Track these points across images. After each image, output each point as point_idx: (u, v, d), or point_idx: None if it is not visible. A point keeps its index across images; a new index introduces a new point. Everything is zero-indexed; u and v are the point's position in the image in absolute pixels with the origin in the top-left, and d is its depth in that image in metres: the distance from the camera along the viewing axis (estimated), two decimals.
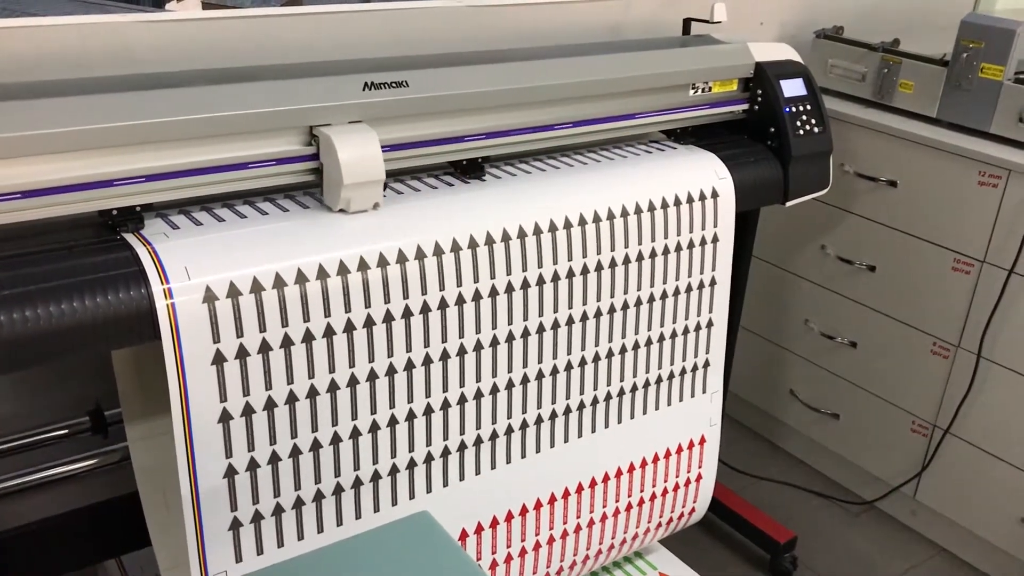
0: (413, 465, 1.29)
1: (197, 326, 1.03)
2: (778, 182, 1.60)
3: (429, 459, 1.30)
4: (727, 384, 1.79)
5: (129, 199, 1.06)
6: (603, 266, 1.38)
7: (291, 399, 1.13)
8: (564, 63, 1.37)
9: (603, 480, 1.52)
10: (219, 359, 1.06)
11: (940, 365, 1.91)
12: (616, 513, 1.56)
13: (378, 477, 1.25)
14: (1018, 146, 1.76)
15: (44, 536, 1.41)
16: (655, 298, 1.47)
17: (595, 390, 1.46)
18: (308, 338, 1.12)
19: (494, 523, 1.41)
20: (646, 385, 1.53)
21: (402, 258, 1.17)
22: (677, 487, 1.64)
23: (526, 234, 1.29)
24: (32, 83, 1.06)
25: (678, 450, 1.62)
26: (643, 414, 1.54)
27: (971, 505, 1.91)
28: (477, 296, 1.26)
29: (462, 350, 1.27)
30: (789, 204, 1.64)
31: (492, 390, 1.33)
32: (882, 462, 2.06)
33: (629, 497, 1.57)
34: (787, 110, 1.59)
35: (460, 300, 1.24)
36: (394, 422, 1.24)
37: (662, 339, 1.52)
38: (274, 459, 1.15)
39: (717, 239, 1.52)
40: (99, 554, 1.50)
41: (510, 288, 1.29)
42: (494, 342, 1.30)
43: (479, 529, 1.40)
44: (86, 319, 0.97)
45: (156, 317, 1.01)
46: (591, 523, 1.53)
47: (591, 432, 1.48)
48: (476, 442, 1.34)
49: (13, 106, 0.97)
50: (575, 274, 1.35)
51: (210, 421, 1.08)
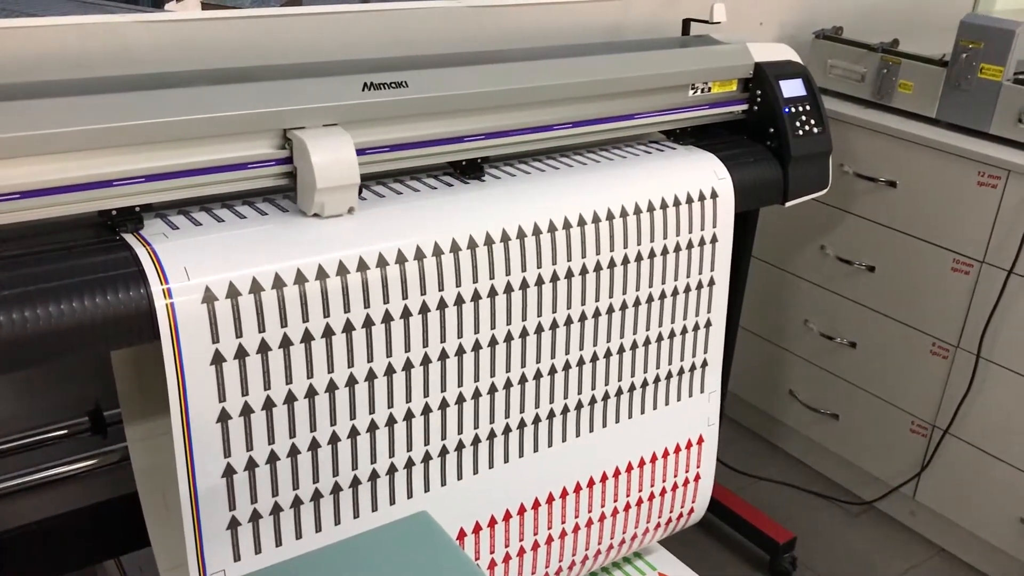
0: (411, 465, 1.29)
1: (196, 326, 1.03)
2: (777, 182, 1.60)
3: (427, 458, 1.30)
4: (726, 384, 1.79)
5: (128, 199, 1.06)
6: (602, 266, 1.38)
7: (290, 399, 1.14)
8: (564, 63, 1.38)
9: (601, 480, 1.52)
10: (218, 359, 1.06)
11: (939, 365, 1.91)
12: (615, 513, 1.56)
13: (376, 476, 1.25)
14: (1017, 146, 1.76)
15: (43, 536, 1.41)
16: (654, 298, 1.48)
17: (593, 390, 1.46)
18: (307, 338, 1.12)
19: (492, 523, 1.41)
20: (644, 385, 1.53)
21: (402, 258, 1.17)
22: (676, 487, 1.64)
23: (525, 234, 1.29)
24: (31, 83, 1.06)
25: (676, 450, 1.62)
26: (641, 414, 1.54)
27: (971, 505, 1.91)
28: (476, 296, 1.26)
29: (460, 350, 1.27)
30: (788, 204, 1.64)
31: (490, 390, 1.33)
32: (881, 462, 2.06)
33: (628, 497, 1.57)
34: (786, 110, 1.59)
35: (459, 300, 1.24)
36: (392, 421, 1.24)
37: (660, 339, 1.52)
38: (272, 458, 1.15)
39: (716, 239, 1.52)
40: (98, 554, 1.50)
41: (509, 288, 1.29)
42: (492, 342, 1.30)
43: (477, 529, 1.40)
44: (86, 319, 0.98)
45: (155, 317, 1.01)
46: (589, 523, 1.53)
47: (589, 432, 1.48)
48: (474, 442, 1.35)
49: (12, 106, 0.97)
50: (574, 274, 1.36)
51: (209, 421, 1.08)
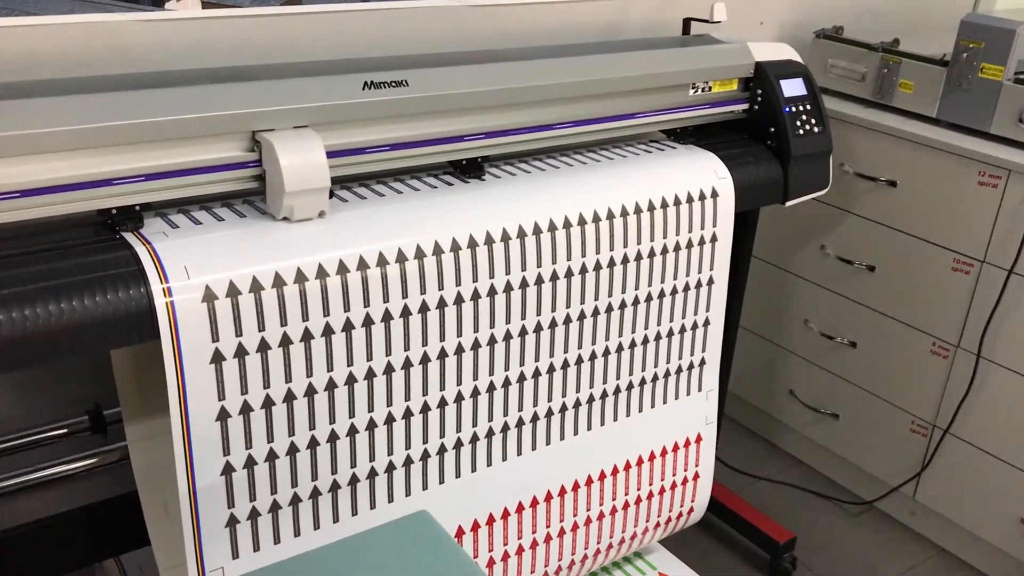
0: (410, 462, 1.29)
1: (196, 325, 1.04)
2: (778, 182, 1.60)
3: (426, 456, 1.30)
4: (725, 383, 1.79)
5: (128, 198, 1.06)
6: (602, 265, 1.38)
7: (289, 397, 1.14)
8: (564, 63, 1.38)
9: (600, 478, 1.52)
10: (218, 358, 1.06)
11: (940, 365, 1.91)
12: (614, 511, 1.56)
13: (375, 474, 1.26)
14: (1018, 146, 1.76)
15: (43, 535, 1.41)
16: (653, 297, 1.48)
17: (591, 388, 1.46)
18: (307, 337, 1.12)
19: (491, 521, 1.41)
20: (643, 383, 1.53)
21: (402, 257, 1.17)
22: (675, 485, 1.64)
23: (526, 234, 1.29)
24: (31, 82, 1.06)
25: (675, 448, 1.62)
26: (639, 412, 1.54)
27: (971, 505, 1.91)
28: (476, 295, 1.26)
29: (460, 349, 1.27)
30: (789, 204, 1.64)
31: (489, 388, 1.33)
32: (881, 462, 2.06)
33: (626, 495, 1.57)
34: (787, 110, 1.59)
35: (459, 299, 1.24)
36: (392, 420, 1.24)
37: (659, 337, 1.52)
38: (271, 457, 1.15)
39: (716, 239, 1.52)
40: (98, 553, 1.50)
41: (509, 287, 1.29)
42: (492, 341, 1.30)
43: (476, 527, 1.40)
44: (85, 318, 0.98)
45: (155, 316, 1.01)
46: (589, 521, 1.53)
47: (588, 430, 1.48)
48: (473, 440, 1.35)
49: (12, 105, 0.97)
50: (574, 273, 1.36)
51: (208, 419, 1.08)
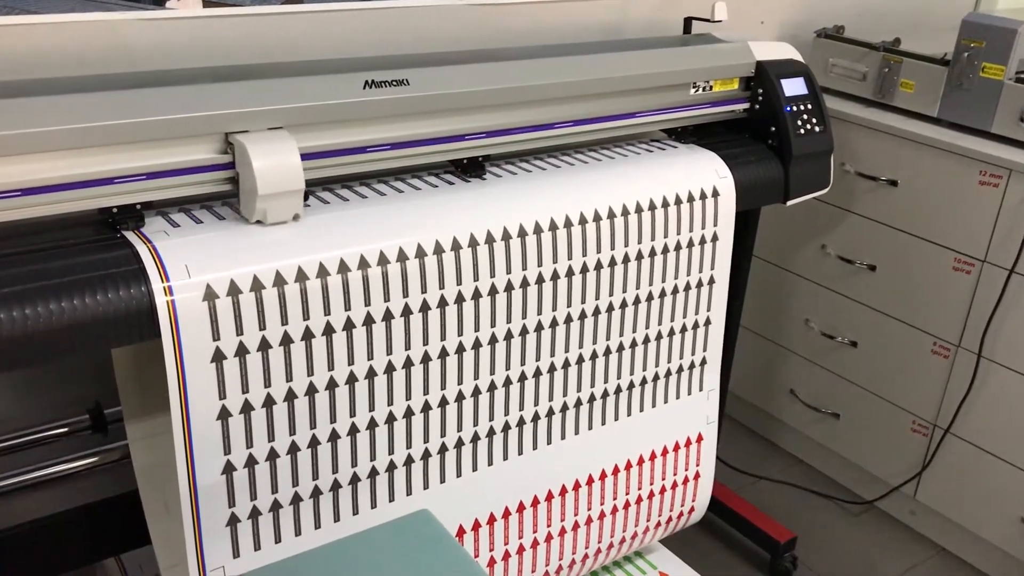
0: (411, 462, 1.29)
1: (197, 324, 1.03)
2: (779, 181, 1.60)
3: (427, 456, 1.30)
4: (726, 383, 1.79)
5: (129, 197, 1.06)
6: (603, 264, 1.38)
7: (290, 396, 1.14)
8: (565, 62, 1.37)
9: (600, 478, 1.52)
10: (219, 357, 1.06)
11: (940, 365, 1.91)
12: (615, 511, 1.56)
13: (376, 473, 1.25)
14: (1019, 146, 1.76)
15: (44, 534, 1.41)
16: (654, 296, 1.48)
17: (593, 387, 1.46)
18: (308, 336, 1.12)
19: (492, 520, 1.41)
20: (643, 382, 1.53)
21: (403, 256, 1.17)
22: (675, 485, 1.64)
23: (527, 232, 1.29)
24: (31, 81, 1.06)
25: (675, 448, 1.62)
26: (640, 411, 1.54)
27: (971, 505, 1.91)
28: (477, 294, 1.26)
29: (461, 348, 1.27)
30: (790, 203, 1.64)
31: (490, 387, 1.33)
32: (882, 462, 2.06)
33: (627, 495, 1.57)
34: (788, 109, 1.59)
35: (460, 298, 1.24)
36: (393, 419, 1.24)
37: (660, 337, 1.52)
38: (272, 456, 1.15)
39: (717, 238, 1.52)
40: (99, 552, 1.50)
41: (510, 286, 1.29)
42: (493, 340, 1.30)
43: (477, 526, 1.40)
44: (86, 317, 0.98)
45: (156, 315, 1.01)
46: (589, 521, 1.53)
47: (589, 429, 1.48)
48: (474, 439, 1.35)
49: (13, 104, 0.97)
50: (575, 272, 1.36)
51: (209, 418, 1.08)
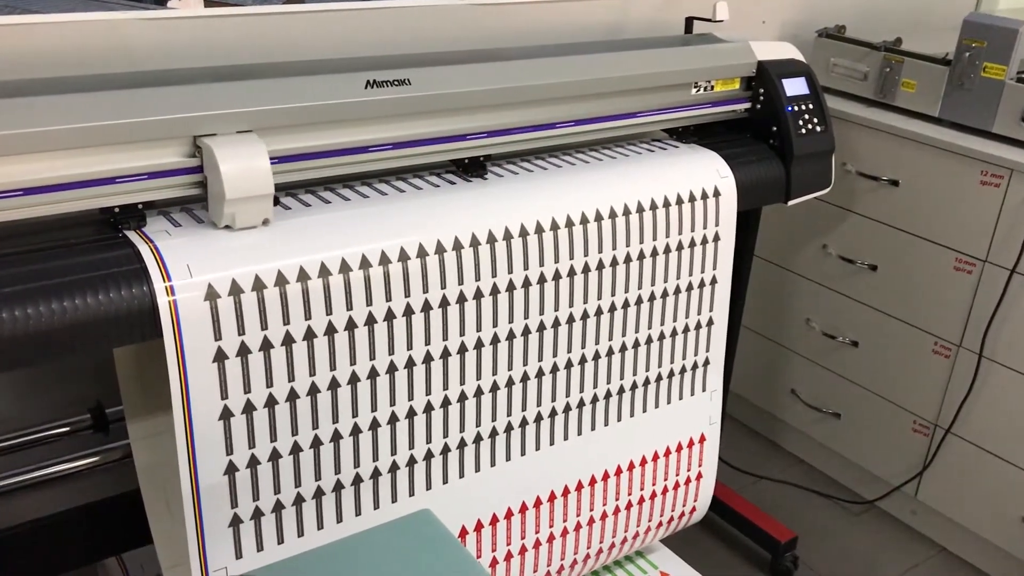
0: (413, 462, 1.29)
1: (199, 323, 1.03)
2: (780, 181, 1.60)
3: (429, 456, 1.30)
4: (728, 383, 1.79)
5: (130, 196, 1.06)
6: (604, 264, 1.38)
7: (292, 396, 1.13)
8: (566, 62, 1.37)
9: (603, 478, 1.52)
10: (220, 356, 1.06)
11: (941, 365, 1.91)
12: (616, 511, 1.56)
13: (378, 474, 1.25)
14: (1020, 146, 1.76)
15: (45, 533, 1.41)
16: (656, 296, 1.48)
17: (595, 388, 1.46)
18: (309, 335, 1.12)
19: (494, 520, 1.41)
20: (646, 383, 1.53)
21: (404, 256, 1.17)
22: (677, 485, 1.64)
23: (528, 232, 1.29)
24: (32, 81, 1.06)
25: (678, 448, 1.62)
26: (643, 412, 1.54)
27: (972, 504, 1.91)
28: (479, 294, 1.26)
29: (463, 348, 1.27)
30: (791, 203, 1.64)
31: (492, 387, 1.33)
32: (883, 462, 2.06)
33: (629, 495, 1.57)
34: (789, 109, 1.59)
35: (462, 298, 1.24)
36: (395, 419, 1.24)
37: (662, 337, 1.52)
38: (275, 456, 1.15)
39: (719, 238, 1.52)
40: (100, 552, 1.50)
41: (512, 286, 1.29)
42: (495, 340, 1.30)
43: (479, 527, 1.40)
44: (88, 316, 0.97)
45: (158, 314, 1.01)
46: (591, 521, 1.53)
47: (591, 430, 1.48)
48: (476, 439, 1.35)
49: (14, 103, 0.97)
50: (576, 272, 1.35)
51: (211, 418, 1.08)
